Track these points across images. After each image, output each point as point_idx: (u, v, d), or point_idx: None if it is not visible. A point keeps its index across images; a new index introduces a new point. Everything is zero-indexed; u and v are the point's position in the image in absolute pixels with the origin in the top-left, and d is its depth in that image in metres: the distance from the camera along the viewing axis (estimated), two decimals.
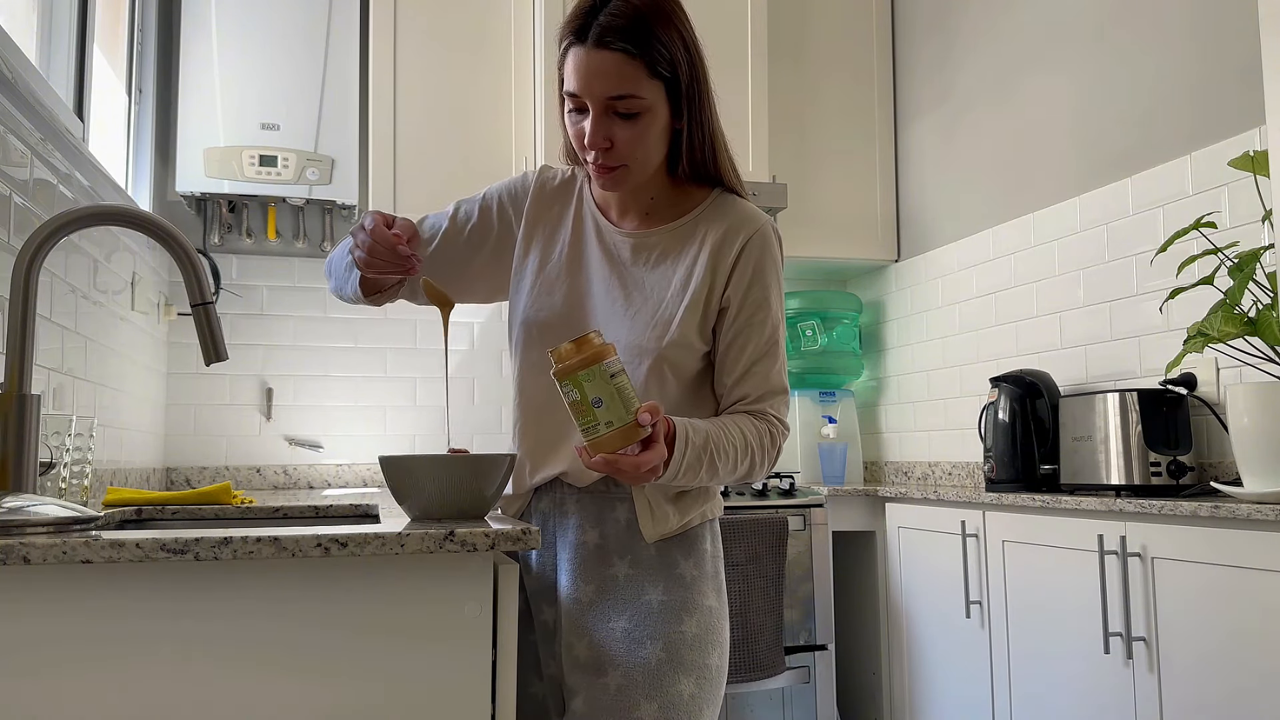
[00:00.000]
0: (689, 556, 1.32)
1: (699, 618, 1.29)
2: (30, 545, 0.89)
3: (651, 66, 1.23)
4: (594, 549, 1.32)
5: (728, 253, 1.32)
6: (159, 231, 1.22)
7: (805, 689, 2.78)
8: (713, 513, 1.37)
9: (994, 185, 3.04)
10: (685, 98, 1.27)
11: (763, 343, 1.33)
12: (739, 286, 1.32)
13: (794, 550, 2.80)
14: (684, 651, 1.26)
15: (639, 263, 1.35)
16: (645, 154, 1.28)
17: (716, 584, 1.34)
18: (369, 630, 1.00)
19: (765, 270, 1.33)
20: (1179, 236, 2.03)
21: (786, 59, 3.47)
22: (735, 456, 1.26)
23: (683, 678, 1.24)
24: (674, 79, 1.26)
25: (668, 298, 1.32)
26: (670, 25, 1.24)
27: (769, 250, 1.34)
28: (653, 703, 1.23)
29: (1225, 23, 2.28)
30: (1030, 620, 2.23)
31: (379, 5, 3.03)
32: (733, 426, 1.28)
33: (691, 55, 1.27)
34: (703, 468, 1.22)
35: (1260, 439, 1.81)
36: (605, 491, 1.34)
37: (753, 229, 1.33)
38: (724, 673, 1.31)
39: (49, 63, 2.09)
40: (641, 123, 1.25)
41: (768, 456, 1.32)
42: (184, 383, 3.09)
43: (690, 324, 1.31)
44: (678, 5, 1.28)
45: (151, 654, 0.94)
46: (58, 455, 1.46)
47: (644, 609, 1.27)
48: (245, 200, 3.07)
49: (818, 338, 3.45)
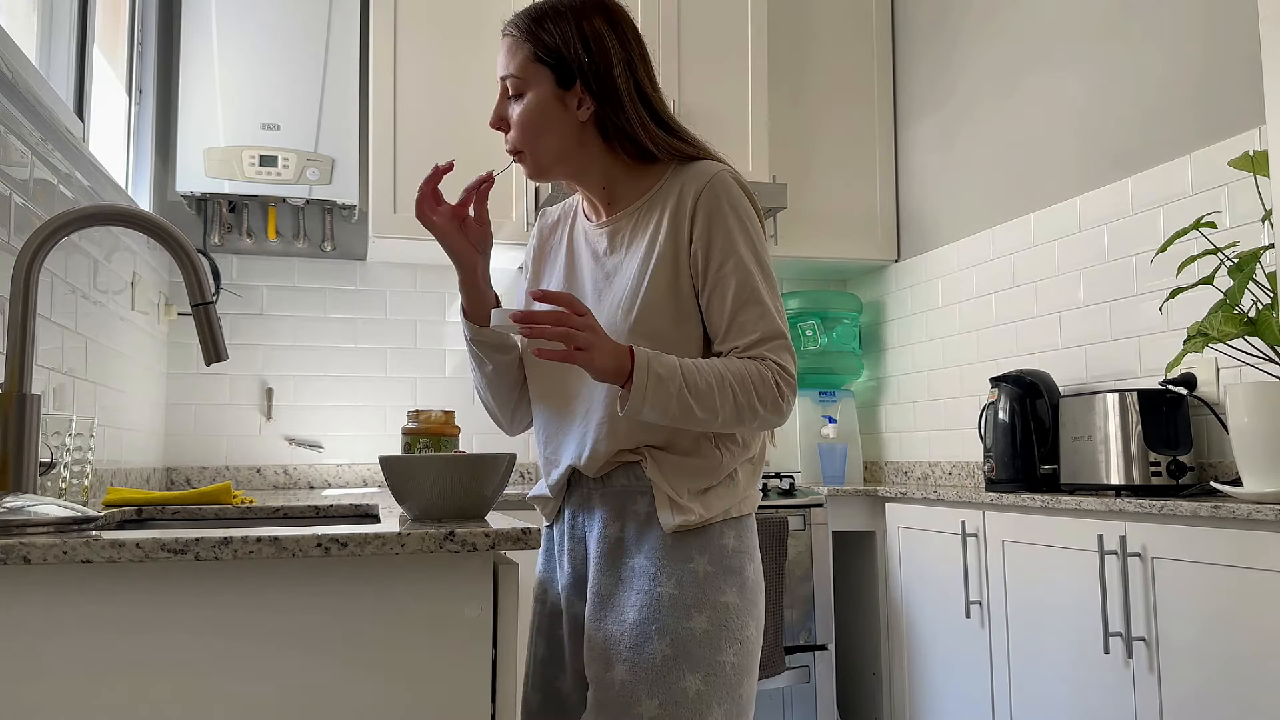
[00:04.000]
0: (704, 552, 1.30)
1: (711, 614, 1.27)
2: (30, 545, 0.89)
3: (535, 51, 1.34)
4: (615, 542, 1.33)
5: (684, 210, 1.33)
6: (159, 231, 1.22)
7: (805, 689, 2.78)
8: (739, 510, 1.34)
9: (994, 185, 3.04)
10: (583, 83, 1.34)
11: (739, 292, 1.29)
12: (701, 241, 1.32)
13: (794, 550, 2.80)
14: (692, 647, 1.25)
15: (616, 250, 1.39)
16: (534, 134, 1.35)
17: (740, 580, 1.31)
18: (369, 630, 1.00)
19: (724, 217, 1.32)
20: (1179, 236, 2.03)
21: (786, 59, 3.47)
22: (715, 383, 1.23)
23: (689, 674, 1.24)
24: (560, 64, 1.34)
25: (633, 275, 1.34)
26: (565, 19, 1.35)
27: (725, 196, 1.33)
28: (655, 699, 1.22)
29: (1225, 23, 2.28)
30: (1030, 620, 2.23)
31: (379, 5, 3.03)
32: (712, 361, 1.27)
33: (590, 44, 1.34)
34: (674, 389, 1.22)
35: (1260, 439, 1.81)
36: (626, 485, 1.34)
37: (703, 181, 1.34)
38: (744, 670, 1.28)
39: (49, 63, 2.09)
40: (526, 103, 1.35)
41: (768, 393, 1.26)
42: (184, 383, 3.09)
43: (657, 295, 1.31)
44: (594, 6, 1.37)
45: (151, 654, 0.94)
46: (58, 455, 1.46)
47: (654, 602, 1.27)
48: (245, 200, 3.07)
49: (818, 338, 3.45)
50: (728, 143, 3.21)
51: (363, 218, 3.25)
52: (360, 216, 3.25)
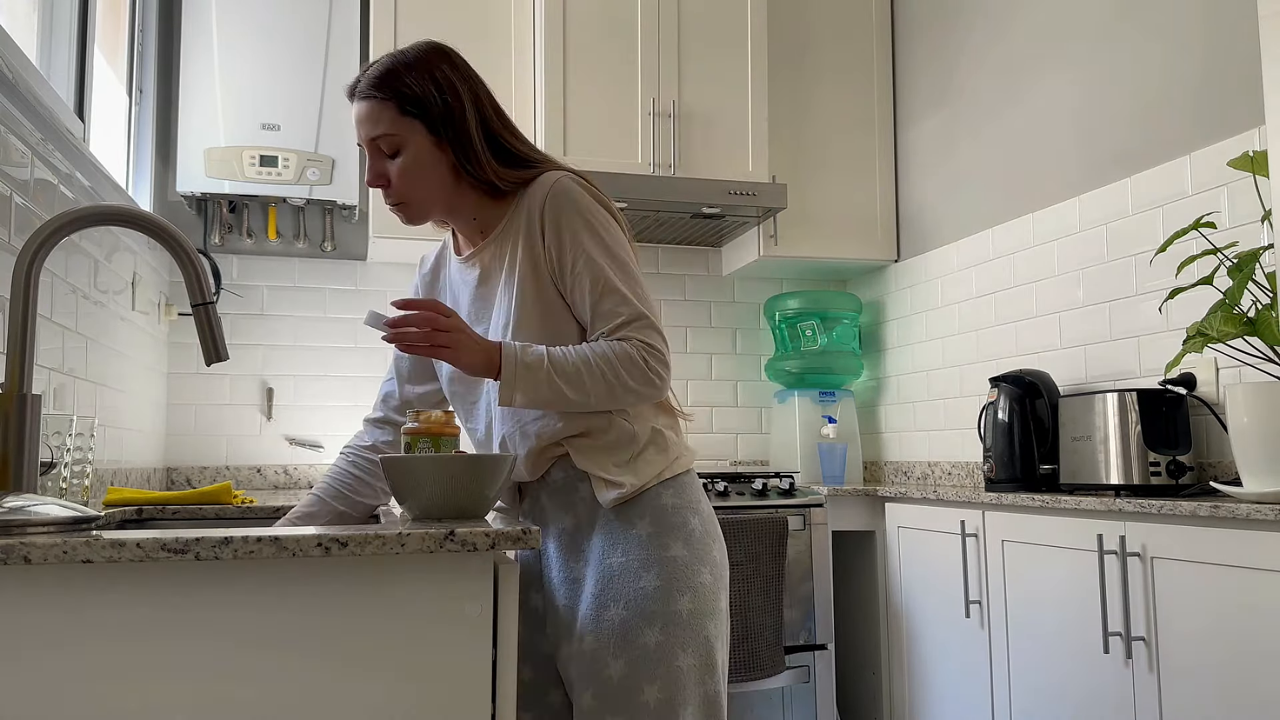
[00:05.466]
0: (644, 515, 1.39)
1: (659, 569, 1.35)
2: (31, 545, 0.89)
3: (400, 106, 1.39)
4: (573, 530, 1.43)
5: (534, 224, 1.41)
6: (159, 232, 1.22)
7: (805, 689, 2.78)
8: (672, 470, 1.43)
9: (994, 185, 3.04)
10: (442, 128, 1.40)
11: (594, 285, 1.37)
12: (553, 246, 1.39)
13: (794, 550, 2.80)
14: (646, 604, 1.33)
15: (488, 279, 1.47)
16: (419, 184, 1.41)
17: (684, 534, 1.39)
18: (369, 630, 1.00)
19: (569, 219, 1.39)
20: (1178, 236, 2.03)
21: (786, 59, 3.47)
22: (582, 366, 1.32)
23: (647, 629, 1.32)
24: (424, 114, 1.39)
25: (504, 294, 1.42)
26: (419, 72, 1.40)
27: (566, 201, 1.39)
28: (619, 659, 1.31)
29: (1225, 23, 2.28)
30: (1030, 620, 2.23)
31: (379, 5, 3.03)
32: (580, 346, 1.35)
33: (445, 93, 1.40)
34: (543, 375, 1.31)
35: (1260, 439, 1.81)
36: (565, 477, 1.43)
37: (544, 192, 1.41)
38: (704, 613, 1.36)
39: (50, 63, 2.09)
40: (405, 157, 1.40)
41: (636, 369, 1.34)
42: (184, 382, 3.09)
43: (528, 304, 1.40)
44: (435, 53, 1.42)
45: (152, 654, 0.94)
46: (58, 455, 1.46)
47: (607, 572, 1.37)
48: (246, 200, 3.08)
49: (818, 338, 3.45)
50: (728, 143, 3.22)
51: (363, 218, 3.26)
52: (360, 217, 3.25)
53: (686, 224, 3.31)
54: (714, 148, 3.20)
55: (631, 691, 1.30)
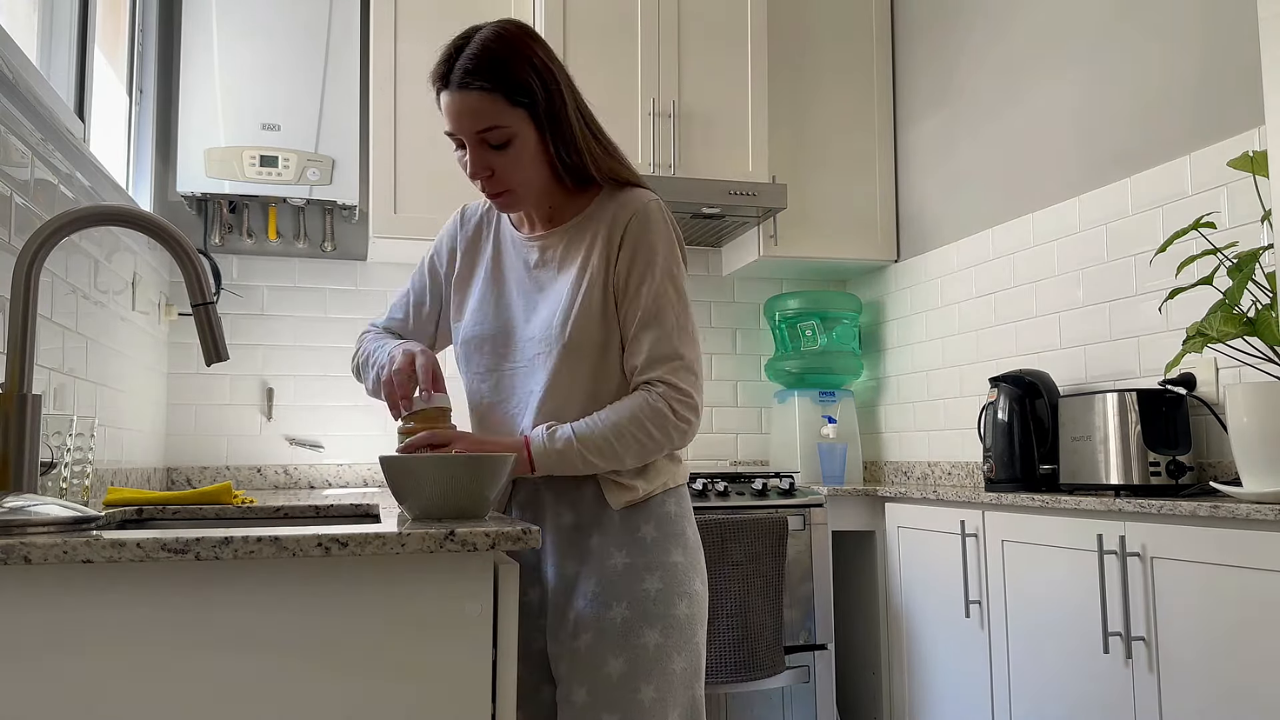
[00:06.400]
0: (649, 520, 1.42)
1: (661, 573, 1.39)
2: (31, 545, 0.89)
3: (510, 97, 1.35)
4: (571, 527, 1.44)
5: (615, 236, 1.42)
6: (160, 232, 1.22)
7: (805, 689, 2.78)
8: (674, 480, 1.47)
9: (994, 185, 3.04)
10: (546, 118, 1.38)
11: (645, 314, 1.40)
12: (624, 264, 1.41)
13: (794, 550, 2.80)
14: (649, 606, 1.37)
15: (547, 263, 1.47)
16: (524, 175, 1.40)
17: (682, 541, 1.43)
18: (369, 630, 1.00)
19: (648, 245, 1.41)
20: (1178, 236, 2.03)
21: (786, 59, 3.47)
22: (611, 434, 1.36)
23: (647, 630, 1.35)
24: (533, 104, 1.37)
25: (568, 290, 1.43)
26: (520, 57, 1.36)
27: (650, 226, 1.42)
28: (620, 657, 1.34)
29: (1225, 23, 2.28)
30: (1030, 620, 2.23)
31: (379, 5, 3.03)
32: (606, 413, 1.38)
33: (545, 79, 1.38)
34: (575, 459, 1.36)
35: (1260, 439, 1.81)
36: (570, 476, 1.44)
37: (634, 209, 1.43)
38: (696, 620, 1.40)
39: (50, 63, 2.09)
40: (513, 149, 1.38)
41: (661, 420, 1.38)
42: (184, 383, 3.09)
43: (589, 311, 1.41)
44: (527, 36, 1.39)
45: (152, 654, 0.94)
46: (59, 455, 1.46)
47: (610, 572, 1.39)
48: (246, 200, 3.08)
49: (818, 338, 3.46)
50: (728, 143, 3.22)
51: (363, 218, 3.26)
52: (360, 217, 3.25)
53: (686, 224, 3.31)
54: (714, 147, 3.20)
55: (629, 690, 1.32)
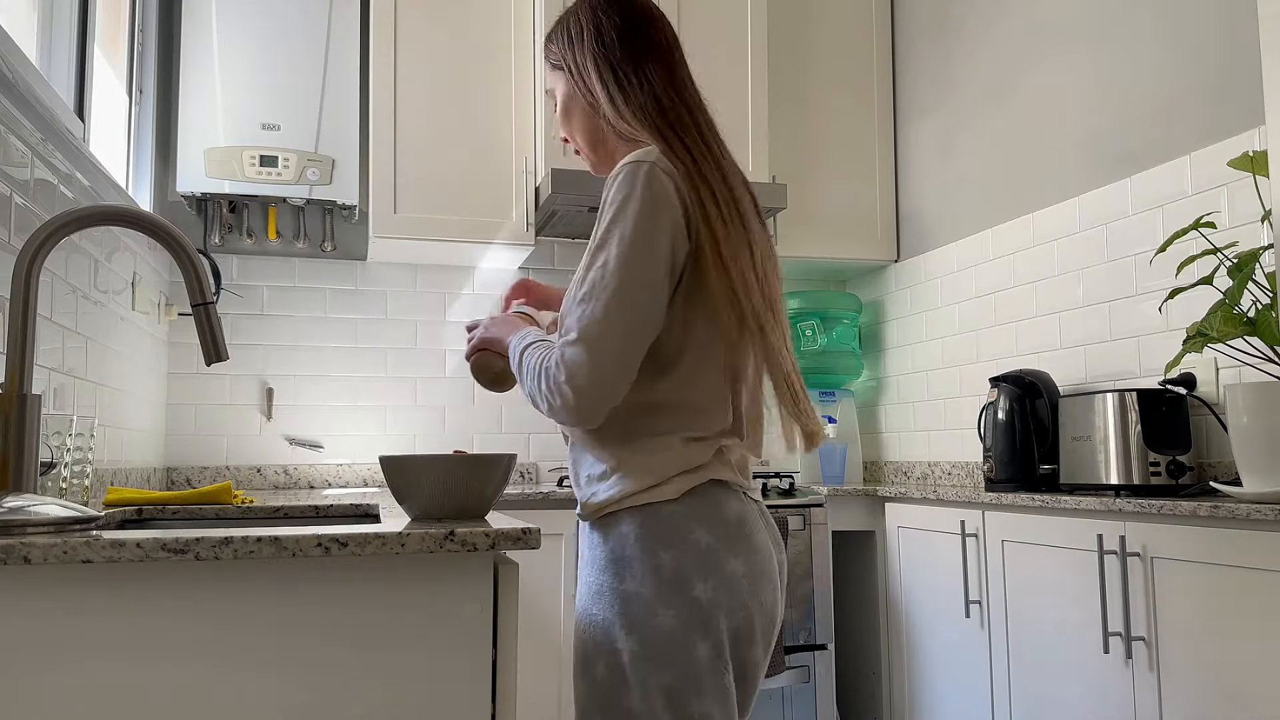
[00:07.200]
0: (607, 541, 1.28)
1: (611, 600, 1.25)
2: (31, 545, 0.89)
3: (548, 61, 1.46)
4: None
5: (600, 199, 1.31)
6: (160, 232, 1.22)
7: (805, 689, 2.78)
8: (643, 500, 1.26)
9: (994, 185, 3.04)
10: (578, 79, 1.42)
11: (579, 277, 1.27)
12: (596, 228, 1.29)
13: (794, 550, 2.80)
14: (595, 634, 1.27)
15: None
16: (569, 129, 1.46)
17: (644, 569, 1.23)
18: (369, 630, 1.00)
19: (610, 204, 1.27)
20: (1178, 236, 2.03)
21: (786, 59, 3.47)
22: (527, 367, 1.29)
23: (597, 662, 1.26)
24: (564, 65, 1.43)
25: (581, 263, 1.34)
26: (563, 22, 1.44)
27: (618, 185, 1.26)
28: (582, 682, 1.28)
29: (1225, 23, 2.28)
30: (1030, 620, 2.23)
31: (379, 5, 3.03)
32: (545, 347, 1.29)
33: (570, 35, 1.42)
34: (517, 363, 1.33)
35: (1260, 439, 1.81)
36: None
37: (612, 172, 1.30)
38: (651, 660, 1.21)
39: (49, 63, 2.09)
40: (561, 110, 1.46)
41: (543, 379, 1.24)
42: (184, 382, 3.09)
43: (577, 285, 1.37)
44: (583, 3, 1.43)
45: (152, 654, 0.94)
46: (58, 455, 1.46)
47: (581, 586, 1.33)
48: (246, 200, 3.07)
49: (818, 338, 3.45)
50: (728, 143, 3.21)
51: (363, 218, 3.26)
52: (360, 217, 3.25)
53: None
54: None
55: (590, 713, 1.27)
